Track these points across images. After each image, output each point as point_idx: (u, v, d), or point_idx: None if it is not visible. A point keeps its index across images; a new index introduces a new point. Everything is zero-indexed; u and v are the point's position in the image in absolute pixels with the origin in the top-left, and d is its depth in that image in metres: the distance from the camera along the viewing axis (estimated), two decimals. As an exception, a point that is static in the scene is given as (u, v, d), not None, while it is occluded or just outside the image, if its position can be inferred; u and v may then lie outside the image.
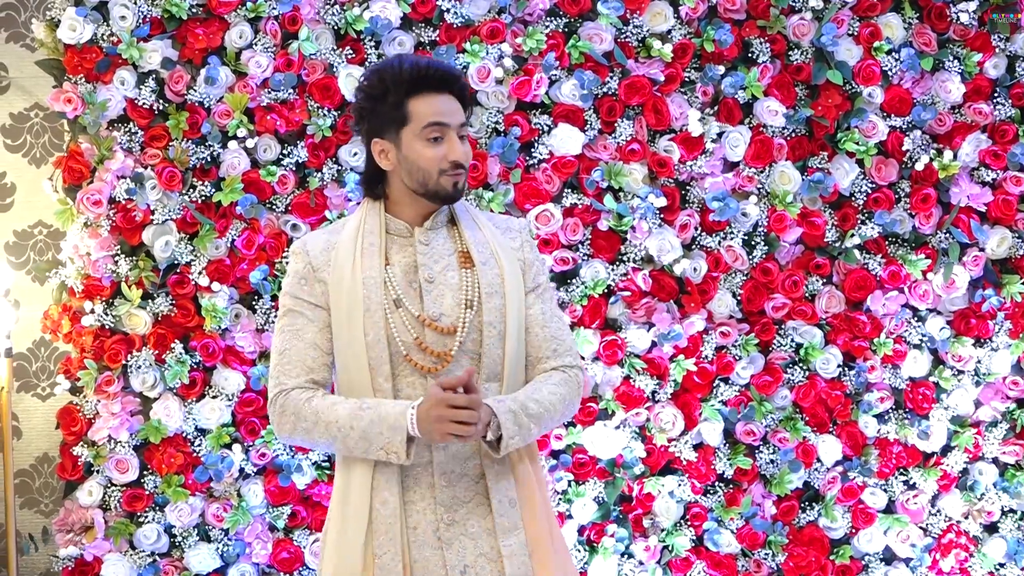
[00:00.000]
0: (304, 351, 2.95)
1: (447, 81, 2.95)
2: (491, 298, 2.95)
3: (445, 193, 2.95)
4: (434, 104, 2.93)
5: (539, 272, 3.07)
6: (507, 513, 2.93)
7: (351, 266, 2.94)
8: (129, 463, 4.51)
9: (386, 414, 2.83)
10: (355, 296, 2.92)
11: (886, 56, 4.67)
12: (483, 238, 3.02)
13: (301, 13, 4.51)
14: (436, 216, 3.01)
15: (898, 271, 4.68)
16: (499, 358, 2.95)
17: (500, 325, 2.95)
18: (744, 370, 4.65)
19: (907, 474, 4.76)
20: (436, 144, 2.92)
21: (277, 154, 4.54)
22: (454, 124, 2.94)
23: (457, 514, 2.93)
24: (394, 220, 3.01)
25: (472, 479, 2.95)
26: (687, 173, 4.63)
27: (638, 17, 4.59)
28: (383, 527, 2.90)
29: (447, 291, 2.96)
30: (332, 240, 3.01)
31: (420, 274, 2.96)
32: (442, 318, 2.93)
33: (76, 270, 4.51)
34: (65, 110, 4.48)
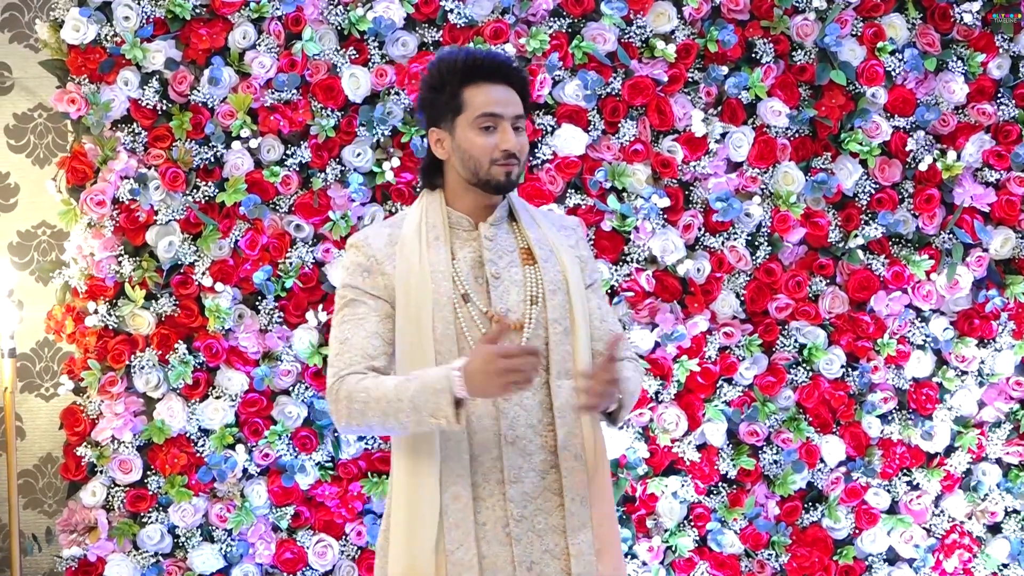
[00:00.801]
0: (365, 339, 2.91)
1: (503, 71, 2.95)
2: (555, 295, 2.94)
3: (496, 183, 2.93)
4: (488, 94, 2.92)
5: (593, 269, 3.09)
6: (578, 511, 2.91)
7: (418, 259, 2.92)
8: (132, 463, 4.51)
9: (430, 379, 2.75)
10: (424, 290, 2.90)
11: (890, 56, 4.66)
12: (542, 235, 3.01)
13: (304, 14, 4.51)
14: (499, 210, 3.00)
15: (902, 271, 4.68)
16: (568, 354, 2.92)
17: (565, 321, 2.93)
18: (747, 370, 4.65)
19: (910, 475, 4.76)
20: (488, 133, 2.91)
21: (280, 154, 4.54)
22: (507, 115, 2.92)
23: (526, 510, 2.90)
24: (454, 212, 3.00)
25: (539, 474, 2.91)
26: (691, 174, 4.63)
27: (641, 17, 4.60)
28: (455, 523, 2.87)
29: (512, 287, 2.94)
30: (394, 233, 2.98)
31: (487, 269, 2.94)
32: (509, 314, 2.92)
33: (80, 270, 4.52)
34: (69, 110, 4.49)
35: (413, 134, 4.51)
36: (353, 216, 4.52)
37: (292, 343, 4.53)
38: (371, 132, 4.52)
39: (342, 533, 4.60)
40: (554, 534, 2.92)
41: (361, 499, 4.57)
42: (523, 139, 2.95)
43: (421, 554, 2.87)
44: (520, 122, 2.95)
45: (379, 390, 2.80)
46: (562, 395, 2.90)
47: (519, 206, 3.05)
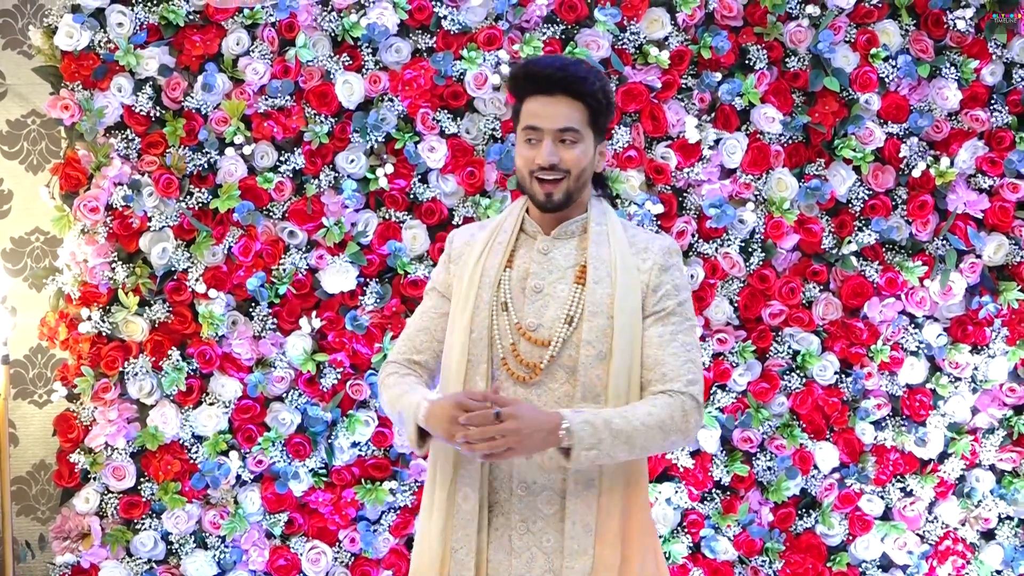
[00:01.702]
0: (416, 333, 3.04)
1: (560, 82, 2.89)
2: (595, 317, 2.89)
3: (536, 199, 2.93)
4: (534, 107, 2.90)
5: (667, 296, 2.95)
6: (578, 536, 2.88)
7: (475, 262, 2.97)
8: (126, 470, 4.51)
9: (410, 402, 2.84)
10: (470, 292, 2.95)
11: (883, 63, 4.65)
12: (607, 255, 2.94)
13: (298, 20, 4.50)
14: (567, 225, 2.99)
15: (895, 278, 4.67)
16: (598, 379, 2.88)
17: (601, 346, 2.88)
18: (741, 377, 4.65)
19: (904, 481, 4.76)
20: (531, 147, 2.91)
21: (274, 161, 4.54)
22: (548, 128, 2.88)
23: (535, 525, 2.91)
24: (530, 220, 3.01)
25: (555, 492, 2.91)
26: (684, 180, 4.63)
27: (635, 24, 4.59)
28: (461, 523, 2.91)
29: (552, 303, 2.92)
30: (476, 234, 3.05)
31: (528, 282, 2.95)
32: (539, 329, 2.91)
33: (73, 277, 4.52)
34: (62, 117, 4.48)
35: (407, 140, 4.50)
36: (347, 223, 4.51)
37: (285, 350, 4.52)
38: (365, 138, 4.50)
39: (336, 540, 4.59)
40: (556, 555, 2.91)
41: (355, 506, 4.56)
42: (571, 154, 2.90)
43: (430, 545, 2.93)
44: (571, 136, 2.89)
45: (390, 392, 2.96)
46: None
47: (596, 222, 2.98)
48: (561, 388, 2.89)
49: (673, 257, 3.00)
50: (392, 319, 4.51)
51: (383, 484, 4.56)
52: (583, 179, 2.94)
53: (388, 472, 4.57)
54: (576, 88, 2.88)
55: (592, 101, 2.91)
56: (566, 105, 2.88)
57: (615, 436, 2.78)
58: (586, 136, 2.92)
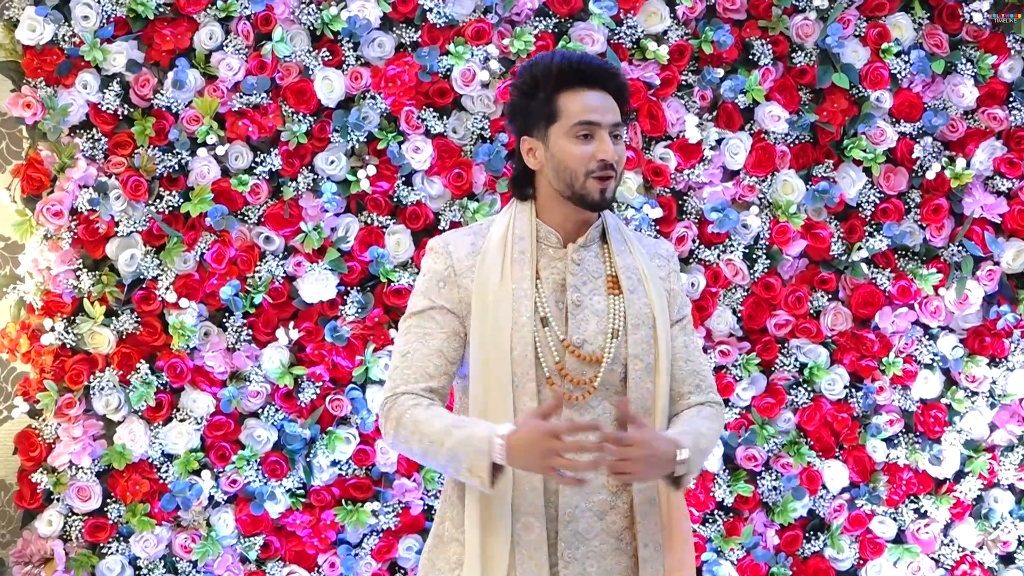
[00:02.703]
0: (427, 357, 2.88)
1: (601, 76, 2.88)
2: (638, 329, 2.89)
3: (591, 199, 2.87)
4: (585, 100, 2.86)
5: (684, 304, 3.02)
6: (651, 558, 2.88)
7: (499, 275, 2.88)
8: (91, 490, 4.43)
9: (474, 435, 2.72)
10: (504, 307, 2.86)
11: (895, 58, 4.62)
12: (633, 263, 2.95)
13: (275, 13, 4.45)
14: (590, 231, 2.95)
15: (908, 286, 4.63)
16: (648, 392, 2.88)
17: (648, 358, 2.88)
18: (745, 391, 4.60)
19: (918, 502, 4.72)
20: (585, 142, 2.86)
21: (249, 162, 4.47)
22: (605, 123, 2.86)
23: (578, 552, 2.86)
24: (544, 226, 2.95)
25: (595, 515, 2.87)
26: (684, 182, 4.58)
27: (632, 17, 4.54)
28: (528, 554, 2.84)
29: (592, 316, 2.89)
30: (478, 244, 2.95)
31: (568, 295, 2.89)
32: (585, 345, 2.86)
33: (35, 285, 4.43)
34: (24, 115, 4.41)
35: (390, 140, 4.46)
36: (326, 227, 4.46)
37: (261, 362, 4.47)
38: (345, 138, 4.44)
39: (314, 565, 4.53)
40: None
41: (335, 528, 4.50)
42: (621, 149, 2.89)
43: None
44: (619, 130, 2.89)
45: (427, 426, 2.79)
46: None
47: (613, 227, 2.99)
48: (602, 405, 2.87)
49: (675, 262, 3.06)
50: (374, 330, 4.46)
51: (365, 505, 4.50)
52: (622, 177, 2.97)
53: (370, 492, 4.50)
54: (616, 83, 2.91)
55: (622, 96, 2.93)
56: (609, 99, 2.89)
57: (701, 455, 2.85)
58: (624, 133, 2.98)
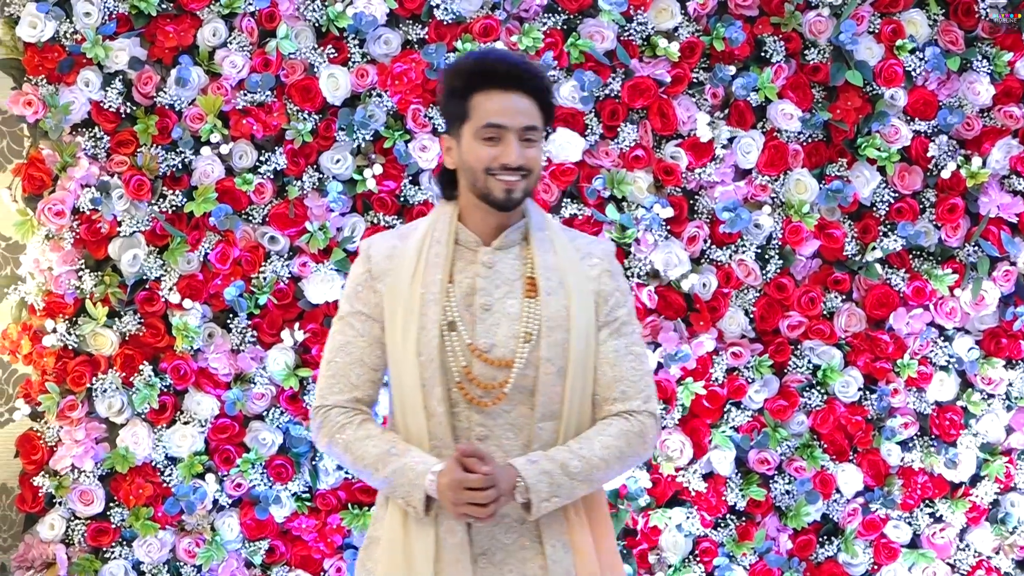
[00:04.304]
0: (350, 367, 2.94)
1: (518, 78, 2.87)
2: (552, 332, 2.86)
3: (494, 198, 2.86)
4: (496, 102, 2.85)
5: (618, 305, 2.95)
6: (560, 558, 2.87)
7: (411, 277, 2.90)
8: (94, 494, 4.42)
9: (410, 467, 2.80)
10: (411, 311, 2.87)
11: (909, 55, 4.59)
12: (555, 263, 2.92)
13: (279, 9, 4.43)
14: (508, 233, 2.93)
15: (923, 287, 4.61)
16: (557, 396, 2.87)
17: (560, 361, 2.86)
18: (757, 394, 4.58)
19: (933, 506, 4.71)
20: (490, 144, 2.85)
21: (253, 161, 4.45)
22: (514, 126, 2.84)
23: (495, 557, 2.88)
24: (464, 230, 2.94)
25: (515, 521, 2.88)
26: (695, 181, 4.56)
27: (642, 14, 4.52)
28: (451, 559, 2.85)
29: (503, 320, 2.88)
30: (399, 246, 2.97)
31: (476, 299, 2.89)
32: (494, 349, 2.86)
33: (37, 286, 4.42)
34: (25, 113, 4.40)
35: (396, 139, 4.44)
36: (332, 227, 4.44)
37: (266, 364, 4.45)
38: (351, 137, 4.42)
39: (320, 569, 4.51)
40: None
41: (341, 532, 4.49)
42: (533, 153, 2.87)
43: None
44: (532, 135, 2.87)
45: (360, 448, 2.88)
46: (543, 437, 2.85)
47: (536, 227, 2.96)
48: (516, 410, 2.87)
49: (616, 260, 3.02)
50: (381, 331, 4.35)
51: (371, 509, 4.34)
52: (538, 178, 2.93)
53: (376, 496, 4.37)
54: (534, 85, 2.88)
55: (547, 99, 2.91)
56: (526, 102, 2.87)
57: (573, 478, 2.82)
58: (541, 135, 2.92)
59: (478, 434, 2.84)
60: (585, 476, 2.81)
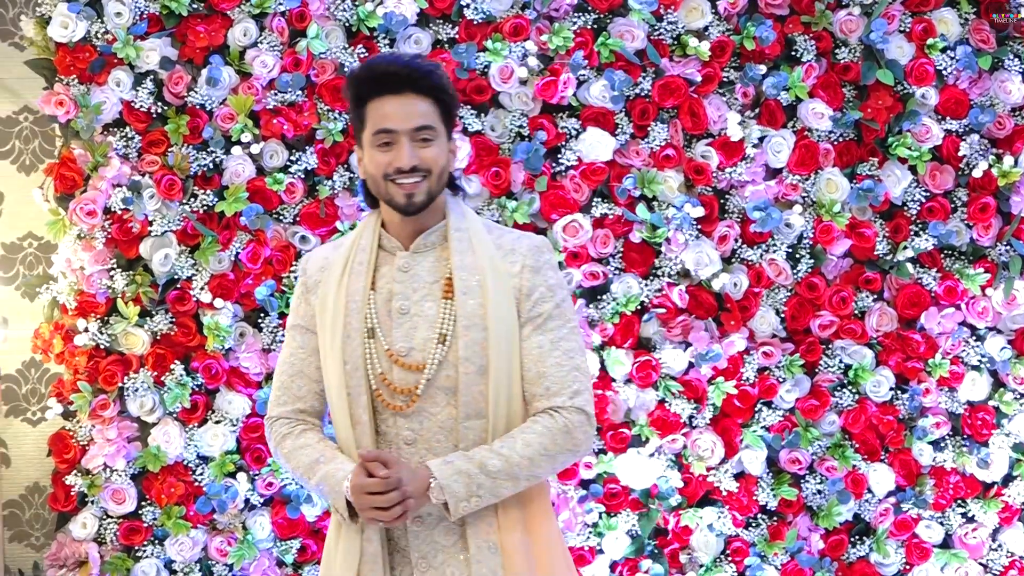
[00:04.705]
0: (291, 379, 3.00)
1: (404, 79, 2.85)
2: (469, 331, 2.84)
3: (396, 204, 2.87)
4: (383, 108, 2.85)
5: (542, 300, 2.90)
6: (485, 560, 2.85)
7: (336, 286, 2.93)
8: (126, 493, 4.43)
9: (331, 474, 2.85)
10: (337, 320, 2.90)
11: (941, 54, 4.57)
12: (473, 263, 2.89)
13: (310, 9, 4.43)
14: (425, 236, 2.93)
15: (955, 286, 4.59)
16: (481, 396, 2.85)
17: (480, 360, 2.84)
18: (788, 393, 4.55)
19: (965, 506, 4.68)
20: (385, 150, 2.85)
21: (284, 160, 4.44)
22: (403, 129, 2.83)
23: (436, 559, 2.89)
24: (387, 236, 2.95)
25: (454, 524, 2.88)
26: (726, 181, 4.54)
27: (673, 13, 4.50)
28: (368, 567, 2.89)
29: (422, 323, 2.88)
30: (331, 256, 3.00)
31: (393, 304, 2.90)
32: (412, 353, 2.87)
33: (69, 285, 4.43)
34: (57, 113, 4.40)
35: None
36: None
37: None
38: None
39: None
40: None
41: None
42: (431, 152, 2.86)
43: None
44: (427, 133, 2.86)
45: (297, 459, 2.94)
46: (470, 437, 2.85)
47: (455, 229, 2.93)
48: (443, 411, 2.87)
49: (543, 255, 2.95)
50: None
51: None
52: (443, 178, 2.91)
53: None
54: (425, 83, 2.86)
55: (442, 96, 2.89)
56: (417, 103, 2.86)
57: (494, 477, 2.81)
58: (440, 132, 2.89)
59: (405, 438, 2.85)
60: (508, 474, 2.79)
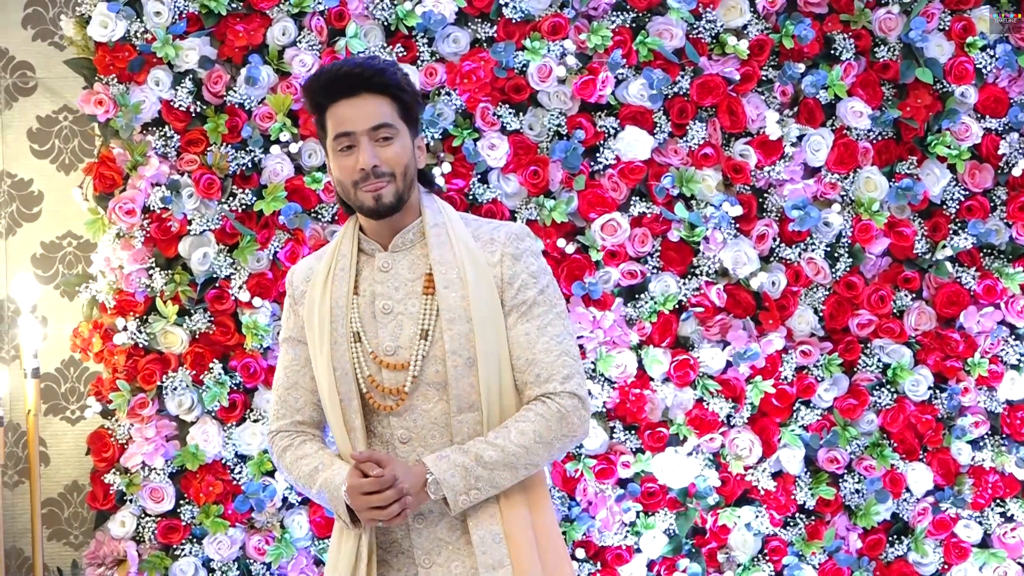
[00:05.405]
0: (288, 392, 3.00)
1: (358, 81, 2.82)
2: (453, 324, 2.82)
3: (367, 208, 2.84)
4: (338, 112, 2.83)
5: (525, 287, 2.87)
6: (490, 550, 2.82)
7: (321, 295, 2.91)
8: (164, 492, 4.42)
9: (330, 480, 2.84)
10: (324, 327, 2.89)
11: (980, 52, 4.55)
12: (452, 256, 2.86)
13: (348, 8, 4.42)
14: (403, 234, 2.91)
15: (994, 285, 4.57)
16: (471, 388, 2.83)
17: (467, 352, 2.82)
18: (827, 392, 4.54)
19: (1004, 505, 4.65)
20: (347, 154, 2.83)
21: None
22: (360, 129, 2.80)
23: (440, 556, 2.87)
24: (366, 239, 2.94)
25: (456, 517, 2.85)
26: (764, 179, 4.53)
27: (711, 11, 4.49)
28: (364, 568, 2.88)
29: (406, 322, 2.87)
30: (314, 266, 2.99)
31: (376, 304, 2.89)
32: (398, 352, 2.86)
33: (108, 284, 4.43)
34: (96, 113, 4.39)
35: (465, 137, 4.42)
36: None
37: None
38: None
39: None
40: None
41: None
42: (391, 151, 2.82)
43: None
44: (386, 132, 2.82)
45: (297, 469, 2.93)
46: (464, 430, 2.83)
47: (432, 224, 2.90)
48: (435, 407, 2.86)
49: (523, 242, 2.92)
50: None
51: None
52: (409, 176, 2.86)
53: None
54: (378, 81, 2.82)
55: (398, 92, 2.85)
56: (373, 102, 2.82)
57: (491, 468, 2.78)
58: (401, 130, 2.85)
59: (400, 437, 2.84)
60: (505, 464, 2.77)
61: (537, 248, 2.93)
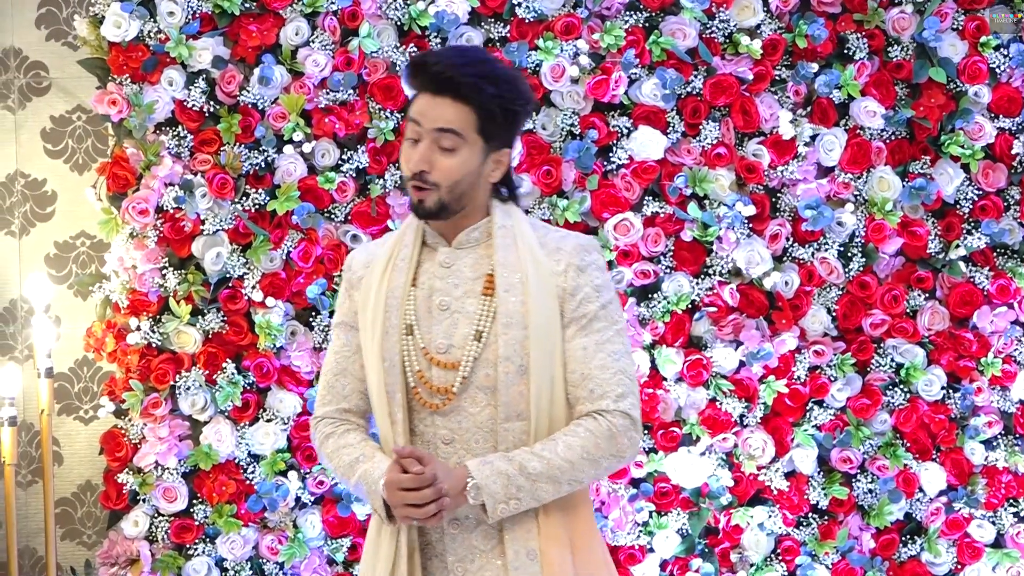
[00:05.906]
0: (336, 378, 2.95)
1: (444, 83, 2.73)
2: (509, 329, 2.77)
3: (411, 204, 2.81)
4: (421, 102, 2.76)
5: (587, 300, 2.81)
6: (523, 566, 2.77)
7: (378, 283, 2.86)
8: (177, 491, 4.42)
9: (369, 473, 2.79)
10: (377, 315, 2.84)
11: (994, 52, 4.53)
12: (516, 260, 2.80)
13: (362, 8, 4.40)
14: (469, 232, 2.85)
15: (1007, 285, 4.56)
16: (521, 396, 2.78)
17: (520, 359, 2.76)
18: (840, 392, 4.53)
19: (1018, 505, 4.64)
20: (412, 146, 2.77)
21: (336, 159, 4.42)
22: (427, 127, 2.74)
23: (472, 564, 2.82)
24: (430, 232, 2.88)
25: (492, 526, 2.80)
26: (778, 179, 4.52)
27: (725, 11, 4.46)
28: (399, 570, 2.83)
29: (462, 320, 2.81)
30: (376, 253, 2.94)
31: (433, 300, 2.84)
32: (450, 350, 2.80)
33: (121, 284, 4.42)
34: (109, 112, 4.37)
35: None
36: None
37: None
38: None
39: None
40: None
41: None
42: (450, 162, 2.74)
43: None
44: (450, 140, 2.74)
45: (338, 458, 2.89)
46: (510, 439, 2.77)
47: (500, 225, 2.84)
48: (483, 412, 2.80)
49: (590, 255, 2.85)
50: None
51: None
52: (458, 191, 2.77)
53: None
54: (463, 92, 2.73)
55: (481, 107, 2.74)
56: (452, 108, 2.73)
57: (534, 480, 2.72)
58: (470, 142, 2.76)
59: (443, 437, 2.79)
60: (548, 477, 2.71)
61: (603, 262, 2.87)
